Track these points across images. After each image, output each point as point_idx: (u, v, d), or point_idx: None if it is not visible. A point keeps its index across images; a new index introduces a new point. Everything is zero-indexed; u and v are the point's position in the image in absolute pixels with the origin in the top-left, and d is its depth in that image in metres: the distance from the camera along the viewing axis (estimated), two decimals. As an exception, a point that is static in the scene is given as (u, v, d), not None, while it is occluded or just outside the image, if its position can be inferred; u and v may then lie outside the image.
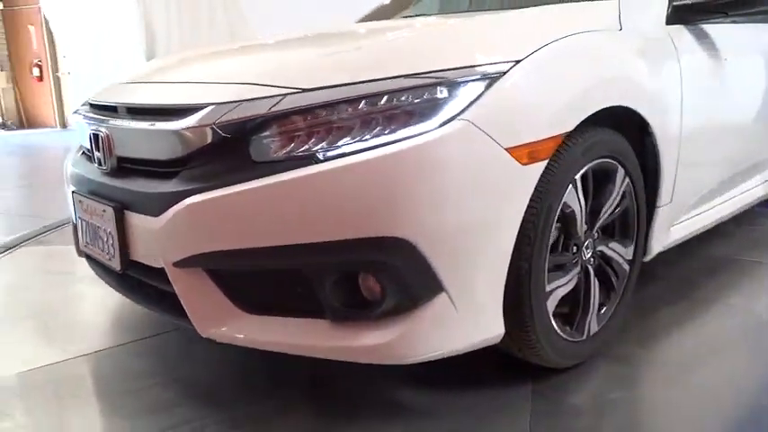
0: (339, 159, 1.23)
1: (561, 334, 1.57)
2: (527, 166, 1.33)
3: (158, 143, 1.45)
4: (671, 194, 1.92)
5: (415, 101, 1.27)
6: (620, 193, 1.69)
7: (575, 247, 1.59)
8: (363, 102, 1.27)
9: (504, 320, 1.43)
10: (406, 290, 1.26)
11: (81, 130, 1.78)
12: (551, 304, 1.52)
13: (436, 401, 1.53)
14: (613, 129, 1.64)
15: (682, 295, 2.14)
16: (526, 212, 1.37)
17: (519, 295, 1.42)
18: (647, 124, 1.70)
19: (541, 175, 1.38)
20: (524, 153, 1.32)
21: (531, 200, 1.37)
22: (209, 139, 1.34)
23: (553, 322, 1.53)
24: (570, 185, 1.49)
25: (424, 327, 1.28)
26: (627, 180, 1.70)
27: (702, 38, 2.02)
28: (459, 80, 1.30)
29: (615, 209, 1.70)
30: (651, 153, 1.79)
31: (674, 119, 1.84)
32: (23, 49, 10.09)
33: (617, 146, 1.63)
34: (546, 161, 1.37)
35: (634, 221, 1.78)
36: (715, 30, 2.06)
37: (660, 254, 2.13)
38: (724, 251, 2.60)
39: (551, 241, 1.53)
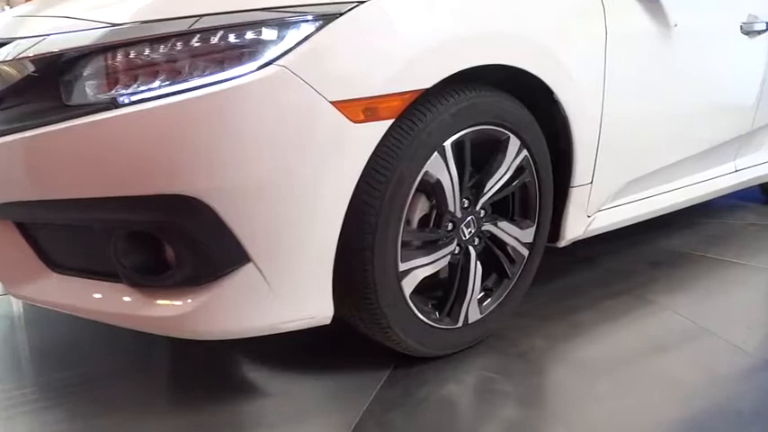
0: (133, 106, 1.08)
1: (424, 319, 1.40)
2: (362, 125, 1.15)
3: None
4: (591, 174, 1.72)
5: (236, 41, 1.10)
6: (515, 166, 1.50)
7: (450, 224, 1.42)
8: (176, 40, 1.11)
9: (347, 301, 1.28)
10: (204, 257, 1.11)
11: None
12: (409, 285, 1.35)
13: (275, 380, 1.41)
14: (517, 93, 1.45)
15: (612, 288, 1.94)
16: (367, 179, 1.20)
17: (361, 272, 1.26)
18: (551, 92, 1.50)
19: (386, 137, 1.21)
20: (358, 109, 1.14)
21: (375, 165, 1.21)
22: (17, 77, 1.20)
23: (411, 305, 1.37)
24: (436, 153, 1.31)
25: (228, 300, 1.14)
26: (524, 152, 1.51)
27: (646, -2, 1.78)
28: (288, 20, 1.12)
29: (507, 184, 1.51)
30: (562, 125, 1.59)
31: (594, 89, 1.63)
32: None
33: (508, 112, 1.44)
34: (391, 121, 1.20)
35: (535, 200, 1.59)
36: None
37: (602, 241, 1.96)
38: (674, 243, 2.38)
39: (419, 215, 1.37)
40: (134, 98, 1.10)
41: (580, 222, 1.78)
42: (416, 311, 1.38)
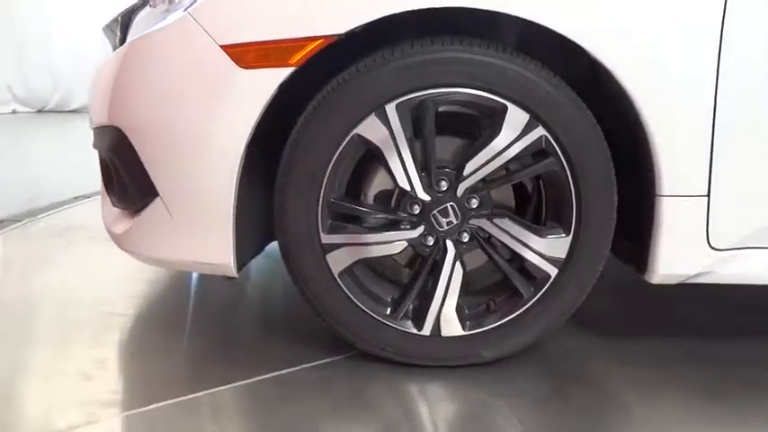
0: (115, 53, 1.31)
1: (364, 309, 1.21)
2: (252, 71, 1.10)
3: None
4: (705, 181, 1.14)
5: None
6: (520, 148, 1.14)
7: (415, 207, 1.18)
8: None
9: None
10: (128, 185, 1.26)
11: None
12: (339, 261, 1.19)
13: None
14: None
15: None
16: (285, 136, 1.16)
17: (279, 234, 1.20)
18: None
19: (288, 88, 1.12)
20: (246, 54, 1.10)
21: (300, 122, 1.15)
22: None
23: (342, 285, 1.20)
24: (373, 115, 1.13)
25: (144, 228, 1.26)
26: (541, 131, 1.13)
27: None
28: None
29: (510, 171, 1.16)
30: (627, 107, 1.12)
31: (702, 47, 1.08)
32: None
33: (501, 75, 1.11)
34: (291, 69, 1.10)
35: (570, 200, 1.16)
36: None
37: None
38: None
39: (376, 189, 1.22)
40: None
41: (692, 254, 1.19)
42: (351, 295, 1.21)
